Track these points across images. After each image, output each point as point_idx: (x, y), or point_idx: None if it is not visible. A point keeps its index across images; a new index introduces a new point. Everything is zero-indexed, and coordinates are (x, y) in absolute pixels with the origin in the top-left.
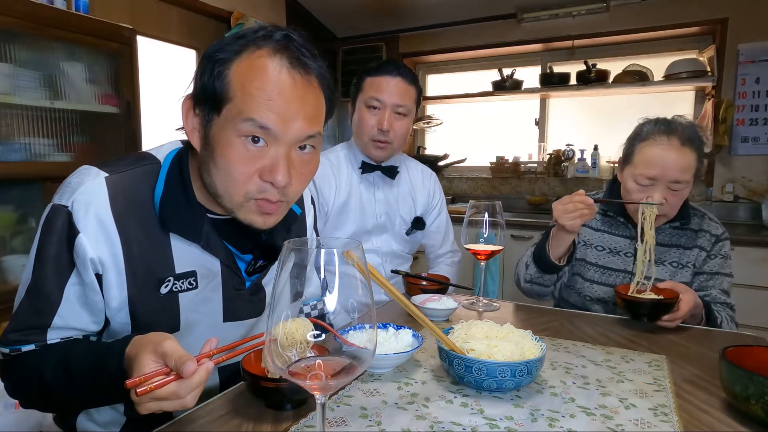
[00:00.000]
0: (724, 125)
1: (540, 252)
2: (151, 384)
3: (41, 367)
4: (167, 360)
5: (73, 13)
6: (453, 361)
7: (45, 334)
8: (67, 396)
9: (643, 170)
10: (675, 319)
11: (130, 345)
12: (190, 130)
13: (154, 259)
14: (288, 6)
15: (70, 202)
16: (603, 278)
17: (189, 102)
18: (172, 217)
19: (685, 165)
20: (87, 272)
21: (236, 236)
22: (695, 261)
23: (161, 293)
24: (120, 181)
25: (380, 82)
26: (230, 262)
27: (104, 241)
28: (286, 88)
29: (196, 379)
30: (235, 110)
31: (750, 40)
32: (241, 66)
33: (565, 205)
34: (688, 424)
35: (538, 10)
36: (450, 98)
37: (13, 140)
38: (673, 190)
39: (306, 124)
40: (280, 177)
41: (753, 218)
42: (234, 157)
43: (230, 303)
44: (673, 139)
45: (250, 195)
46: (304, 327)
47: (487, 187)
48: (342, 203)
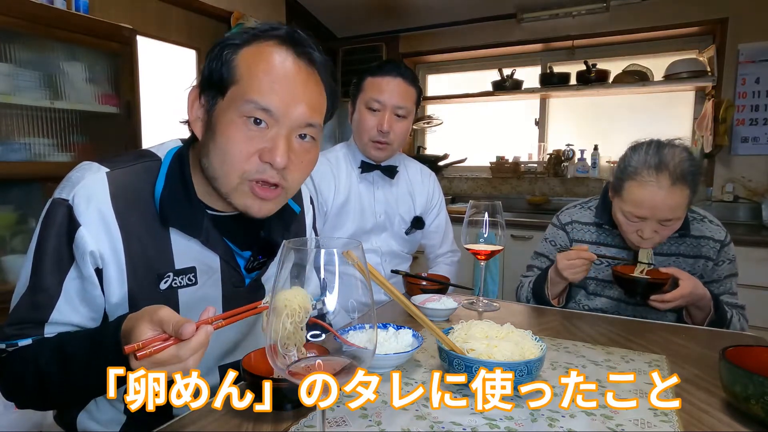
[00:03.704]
0: (724, 125)
1: (539, 290)
2: (151, 348)
3: (37, 357)
4: (165, 326)
5: (73, 13)
6: (453, 361)
7: (42, 329)
8: (63, 385)
9: (631, 209)
10: (664, 300)
11: (126, 321)
12: (193, 119)
13: (154, 254)
14: (288, 6)
15: (71, 196)
16: (603, 291)
17: (195, 91)
18: (173, 212)
19: (676, 204)
20: (86, 266)
21: (235, 232)
22: (702, 271)
23: (161, 289)
24: (121, 177)
25: (380, 82)
26: (229, 258)
27: (105, 234)
28: (290, 73)
29: (195, 340)
30: (240, 91)
31: (750, 40)
32: (249, 52)
33: (571, 261)
34: (688, 424)
35: (538, 10)
36: (450, 98)
37: (13, 140)
38: (663, 225)
39: (307, 110)
40: (279, 158)
41: (753, 218)
42: (234, 136)
43: (230, 300)
44: (662, 178)
45: (246, 176)
46: (302, 295)
47: (487, 187)
48: (341, 203)
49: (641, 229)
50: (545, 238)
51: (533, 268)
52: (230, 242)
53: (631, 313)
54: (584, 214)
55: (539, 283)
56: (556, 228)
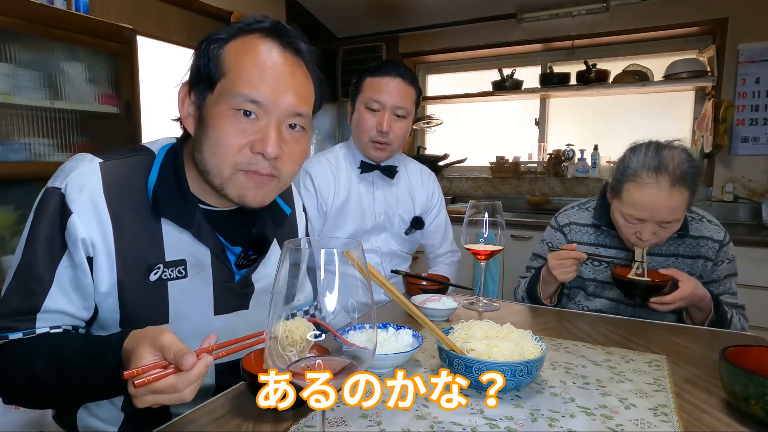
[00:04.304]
0: (724, 125)
1: (532, 290)
2: (149, 376)
3: (30, 360)
4: (166, 353)
5: (73, 13)
6: (453, 361)
7: (34, 321)
8: (60, 390)
9: (630, 211)
10: (664, 302)
11: (128, 339)
12: (185, 116)
13: (144, 245)
14: (288, 6)
15: (64, 184)
16: (603, 292)
17: (185, 88)
18: (165, 203)
19: (675, 206)
20: (78, 253)
21: (227, 227)
22: (701, 272)
23: (150, 280)
24: (114, 168)
25: (380, 83)
26: (220, 253)
27: (96, 222)
28: (277, 63)
29: (195, 372)
30: (228, 84)
31: (750, 40)
32: (235, 45)
33: (561, 260)
34: (688, 424)
35: (538, 10)
36: (450, 98)
37: (13, 140)
38: (662, 227)
39: (295, 99)
40: (270, 148)
41: (753, 218)
42: (225, 128)
43: (220, 296)
44: (662, 180)
45: (239, 167)
46: (305, 326)
47: (487, 187)
48: (341, 203)
49: (640, 231)
50: (543, 240)
51: (531, 269)
52: (221, 237)
53: (630, 314)
54: (582, 216)
55: (533, 283)
56: (554, 230)
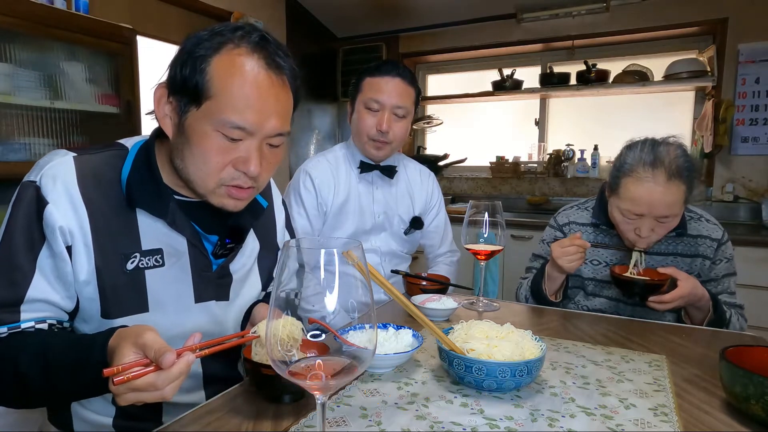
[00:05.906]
0: (724, 125)
1: (537, 287)
2: (129, 374)
3: (16, 358)
4: (147, 351)
5: (73, 13)
6: (453, 361)
7: (18, 314)
8: (46, 389)
9: (628, 206)
10: (662, 301)
11: (113, 337)
12: (162, 116)
13: (120, 234)
14: (288, 6)
15: (38, 177)
16: (602, 291)
17: (163, 90)
18: (139, 193)
19: (672, 201)
20: (57, 242)
21: (202, 217)
22: (700, 270)
23: (127, 269)
24: (88, 161)
25: (379, 82)
26: (196, 241)
27: (72, 211)
28: (263, 87)
29: (176, 370)
30: (216, 108)
31: (750, 40)
32: (221, 62)
33: (564, 248)
34: (688, 424)
35: (538, 10)
36: (450, 98)
37: (13, 140)
38: (660, 222)
39: (278, 122)
40: (253, 168)
41: (753, 218)
42: (211, 148)
43: (199, 284)
44: (658, 174)
45: (222, 182)
46: (291, 324)
47: (487, 187)
48: (341, 203)
49: (639, 227)
50: (543, 240)
51: (532, 270)
52: (197, 226)
53: (629, 313)
54: (581, 215)
55: (537, 281)
56: (554, 229)
